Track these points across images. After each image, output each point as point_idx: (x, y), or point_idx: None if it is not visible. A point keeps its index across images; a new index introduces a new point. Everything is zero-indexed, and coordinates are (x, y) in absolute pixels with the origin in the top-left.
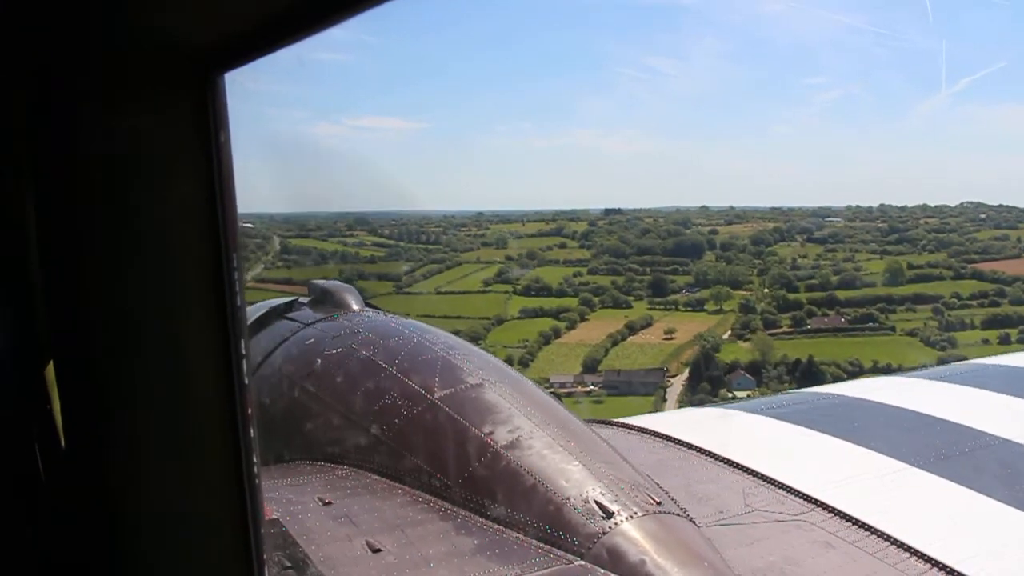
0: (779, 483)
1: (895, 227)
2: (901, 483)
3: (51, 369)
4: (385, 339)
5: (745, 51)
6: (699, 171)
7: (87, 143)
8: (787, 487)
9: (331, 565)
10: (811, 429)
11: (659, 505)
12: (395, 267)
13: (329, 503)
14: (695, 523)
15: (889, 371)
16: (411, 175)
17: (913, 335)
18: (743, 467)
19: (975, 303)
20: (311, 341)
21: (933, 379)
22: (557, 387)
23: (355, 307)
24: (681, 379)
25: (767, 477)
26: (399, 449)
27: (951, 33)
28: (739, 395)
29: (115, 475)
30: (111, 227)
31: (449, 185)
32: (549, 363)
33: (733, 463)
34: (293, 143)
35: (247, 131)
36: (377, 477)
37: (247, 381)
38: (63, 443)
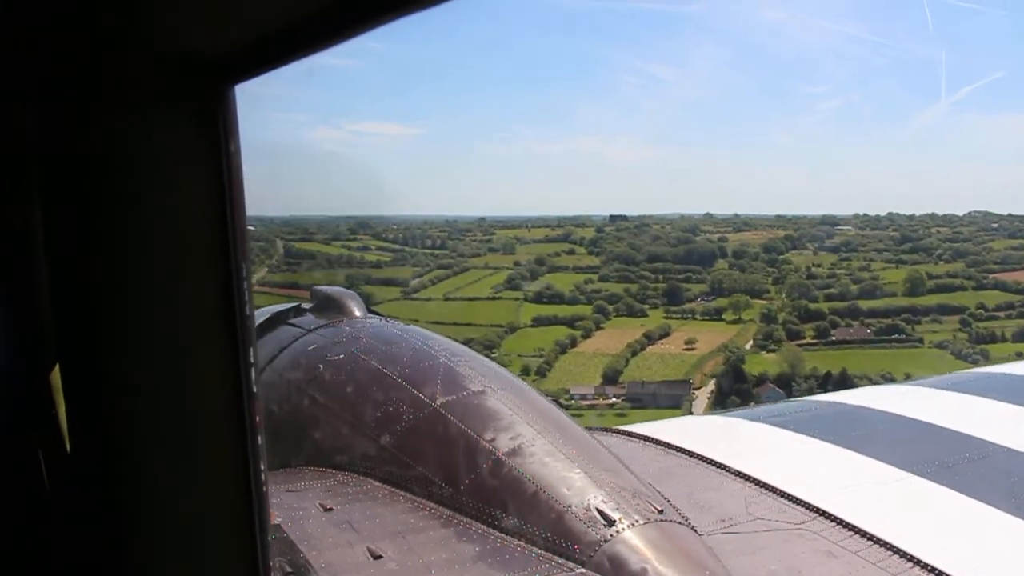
0: (781, 491)
1: (907, 236)
2: (904, 492)
3: (57, 375)
4: (387, 345)
5: (746, 59)
6: (700, 178)
7: (97, 152)
8: (789, 496)
9: (332, 571)
10: (813, 437)
11: (661, 513)
12: (402, 272)
13: (330, 509)
14: (697, 531)
15: None
16: (410, 180)
17: (943, 347)
18: (745, 475)
19: (1002, 314)
20: (313, 347)
21: (935, 387)
22: (578, 399)
23: (358, 313)
24: (706, 391)
25: (769, 485)
26: (400, 455)
27: (950, 43)
28: None
29: (120, 481)
30: (120, 236)
31: (449, 190)
32: (567, 373)
33: (735, 471)
34: (293, 146)
35: (247, 134)
36: (378, 483)
37: (255, 389)
38: (68, 449)
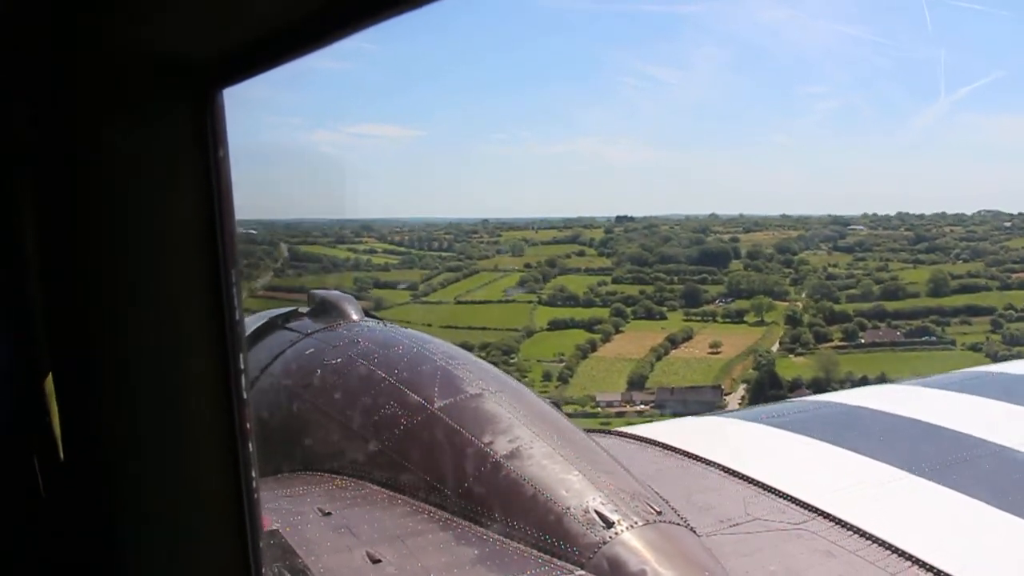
0: (780, 492)
1: (922, 235)
2: (901, 491)
3: (50, 381)
4: (385, 349)
5: (745, 60)
6: (701, 179)
7: (86, 157)
8: (788, 496)
9: None
10: (811, 438)
11: (659, 515)
12: (411, 275)
13: (329, 514)
14: (695, 532)
15: None
16: (411, 182)
17: (977, 350)
18: (743, 476)
19: None
20: (311, 351)
21: (932, 387)
22: (604, 406)
23: (355, 317)
24: (736, 397)
25: (768, 486)
26: (399, 459)
27: (949, 42)
28: None
29: (114, 487)
30: (110, 241)
31: (450, 192)
32: (591, 379)
33: (733, 472)
34: (292, 149)
35: (247, 137)
36: (377, 488)
37: (246, 395)
38: (62, 455)
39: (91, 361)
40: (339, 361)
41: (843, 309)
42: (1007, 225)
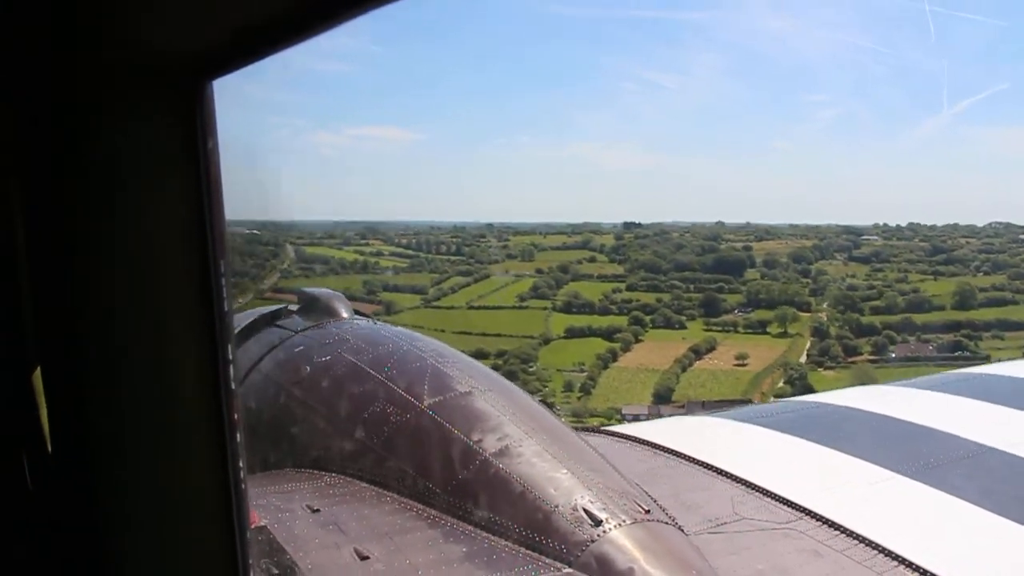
0: (768, 491)
1: (938, 247)
2: (889, 491)
3: (38, 375)
4: (374, 347)
5: (746, 67)
6: (704, 186)
7: (74, 149)
8: (776, 495)
9: (319, 573)
10: (799, 438)
11: (648, 513)
12: (420, 279)
13: (317, 510)
14: (684, 531)
15: None
16: (414, 185)
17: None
18: (732, 475)
19: None
20: (300, 349)
21: (920, 388)
22: (630, 420)
23: (344, 315)
24: None
25: (756, 485)
26: (388, 457)
27: (953, 53)
28: None
29: (102, 480)
30: (99, 233)
31: (452, 196)
32: (614, 391)
33: (722, 471)
34: (292, 151)
35: (249, 138)
36: (366, 485)
37: (234, 387)
38: (50, 448)
39: (79, 353)
40: (328, 359)
41: (869, 321)
42: (1023, 238)
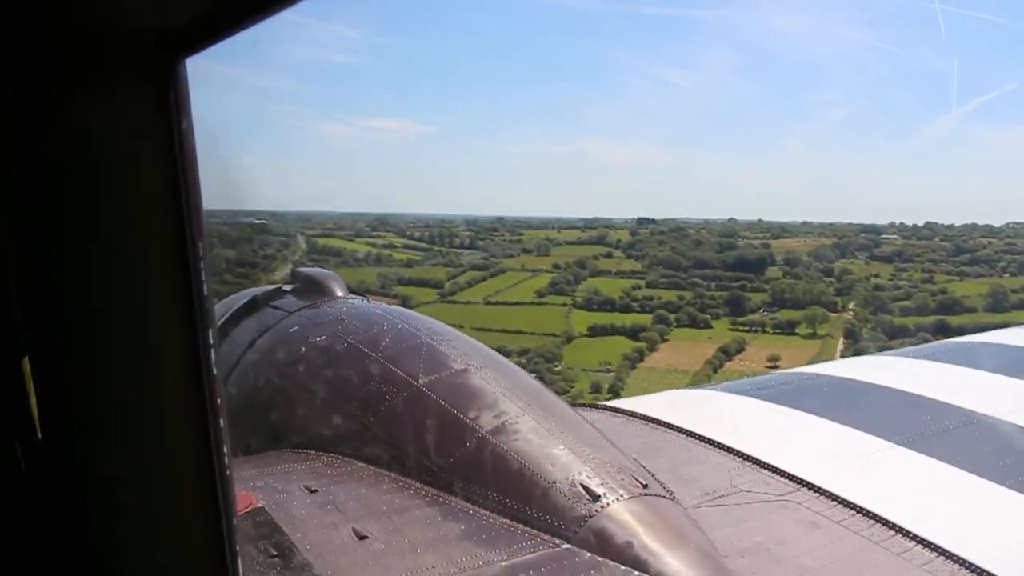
0: (764, 464)
1: (960, 247)
2: (886, 462)
3: (27, 362)
4: (369, 326)
5: (757, 65)
6: (715, 182)
7: (47, 132)
8: (773, 467)
9: (317, 552)
10: (796, 409)
11: (645, 487)
12: (435, 272)
13: (315, 491)
14: (681, 505)
15: None
16: (424, 177)
17: None
18: (728, 448)
19: None
20: (295, 329)
21: (918, 357)
22: None
23: (339, 294)
24: None
25: (752, 458)
26: (385, 436)
27: (963, 52)
28: None
29: (88, 466)
30: (75, 217)
31: (462, 188)
32: (644, 392)
33: (718, 444)
34: (305, 141)
35: (259, 129)
36: (363, 464)
37: (215, 371)
38: (40, 435)
39: (63, 340)
40: (323, 339)
41: (902, 323)
42: None
